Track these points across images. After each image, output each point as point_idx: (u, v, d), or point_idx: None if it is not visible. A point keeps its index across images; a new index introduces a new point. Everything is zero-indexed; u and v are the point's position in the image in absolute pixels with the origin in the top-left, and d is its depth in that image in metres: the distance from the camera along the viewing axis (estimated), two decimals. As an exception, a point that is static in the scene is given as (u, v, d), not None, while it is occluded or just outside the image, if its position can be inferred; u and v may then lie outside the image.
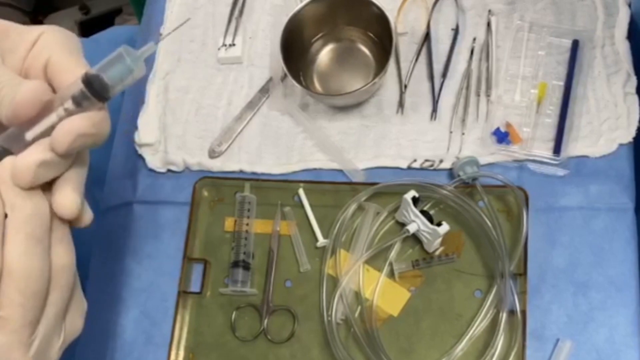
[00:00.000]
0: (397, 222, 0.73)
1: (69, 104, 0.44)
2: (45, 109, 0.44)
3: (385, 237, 0.73)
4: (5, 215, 0.43)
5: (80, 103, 0.44)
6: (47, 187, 0.45)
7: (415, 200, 0.69)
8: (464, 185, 0.73)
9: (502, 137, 0.75)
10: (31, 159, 0.43)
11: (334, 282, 0.71)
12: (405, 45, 0.80)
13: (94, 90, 0.44)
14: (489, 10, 0.81)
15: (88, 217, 0.48)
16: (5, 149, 0.45)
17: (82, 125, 0.44)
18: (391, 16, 0.77)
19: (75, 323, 0.48)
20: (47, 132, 0.44)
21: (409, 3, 0.82)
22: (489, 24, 0.80)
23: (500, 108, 0.77)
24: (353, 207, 0.73)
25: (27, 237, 0.42)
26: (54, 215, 0.45)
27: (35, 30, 0.49)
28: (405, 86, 0.78)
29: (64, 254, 0.46)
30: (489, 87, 0.78)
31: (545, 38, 0.79)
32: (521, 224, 0.71)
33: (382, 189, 0.73)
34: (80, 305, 0.48)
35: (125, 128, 0.81)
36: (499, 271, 0.68)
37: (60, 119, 0.44)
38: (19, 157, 0.43)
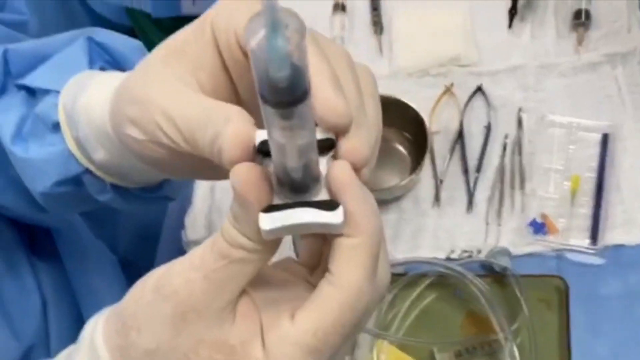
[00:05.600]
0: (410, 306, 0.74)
1: None
2: None
3: (398, 317, 0.74)
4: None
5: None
6: None
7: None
8: (498, 275, 0.74)
9: (539, 227, 0.77)
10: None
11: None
12: (440, 142, 0.84)
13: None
14: (520, 108, 0.84)
15: None
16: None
17: None
18: (425, 116, 0.81)
19: None
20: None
21: (442, 103, 0.86)
22: (519, 121, 0.83)
23: (535, 200, 0.79)
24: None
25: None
26: None
27: (204, 22, 0.41)
28: (441, 181, 0.81)
29: None
30: (522, 180, 0.80)
31: (575, 133, 0.82)
32: (562, 314, 0.72)
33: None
34: None
35: (172, 226, 0.85)
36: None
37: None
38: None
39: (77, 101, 0.51)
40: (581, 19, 0.87)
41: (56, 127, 0.53)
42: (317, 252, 0.43)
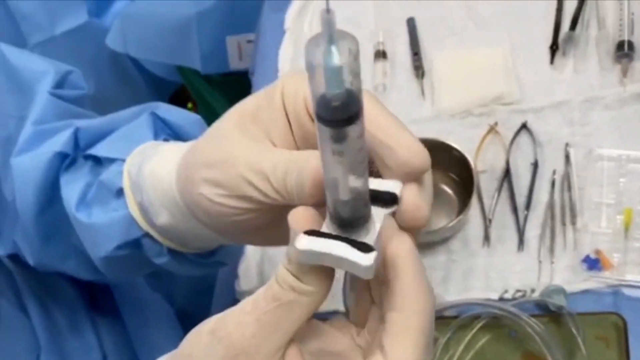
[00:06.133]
0: (464, 349, 0.73)
1: None
2: None
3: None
4: None
5: None
6: None
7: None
8: (554, 314, 0.73)
9: (593, 264, 0.75)
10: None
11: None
12: (486, 181, 0.84)
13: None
14: (566, 143, 0.84)
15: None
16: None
17: None
18: (470, 156, 0.81)
19: None
20: None
21: (487, 142, 0.86)
22: (567, 156, 0.83)
23: (588, 236, 0.77)
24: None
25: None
26: None
27: (274, 90, 0.45)
28: (490, 220, 0.81)
29: None
30: (573, 216, 0.79)
31: (624, 165, 0.81)
32: (621, 351, 0.70)
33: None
34: None
35: (225, 277, 0.86)
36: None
37: None
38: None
39: (143, 167, 0.54)
40: (624, 50, 0.86)
41: (120, 193, 0.56)
42: (365, 311, 0.44)
